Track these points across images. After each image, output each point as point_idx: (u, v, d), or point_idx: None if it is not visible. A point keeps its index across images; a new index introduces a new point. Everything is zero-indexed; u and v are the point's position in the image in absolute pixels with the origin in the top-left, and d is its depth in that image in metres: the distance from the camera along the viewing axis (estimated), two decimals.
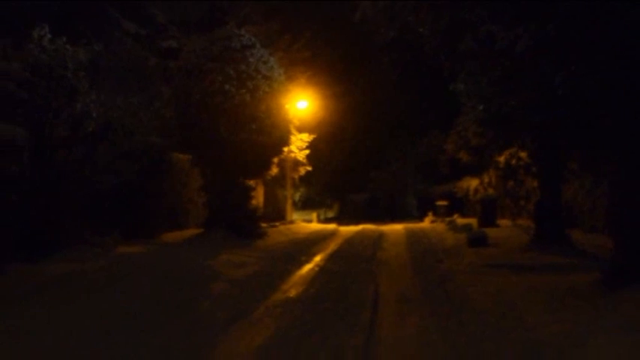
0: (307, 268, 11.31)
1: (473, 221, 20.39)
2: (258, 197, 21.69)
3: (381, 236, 18.57)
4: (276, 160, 17.68)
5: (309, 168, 25.19)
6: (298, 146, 23.78)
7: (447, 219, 23.18)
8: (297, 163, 24.62)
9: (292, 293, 8.60)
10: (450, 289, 8.80)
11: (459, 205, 26.83)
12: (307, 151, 24.31)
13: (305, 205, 34.57)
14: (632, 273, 6.97)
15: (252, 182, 17.04)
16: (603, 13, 6.35)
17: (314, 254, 13.57)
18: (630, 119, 7.12)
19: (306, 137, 24.04)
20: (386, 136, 32.54)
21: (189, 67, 15.53)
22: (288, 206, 26.20)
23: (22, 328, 6.20)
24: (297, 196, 31.99)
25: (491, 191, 21.28)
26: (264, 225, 17.53)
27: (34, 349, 5.50)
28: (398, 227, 22.93)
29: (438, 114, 27.38)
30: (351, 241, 16.90)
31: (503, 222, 19.82)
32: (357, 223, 26.17)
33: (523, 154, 15.26)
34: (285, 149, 19.67)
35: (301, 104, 24.36)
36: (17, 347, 5.55)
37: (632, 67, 6.83)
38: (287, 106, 17.93)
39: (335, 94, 29.02)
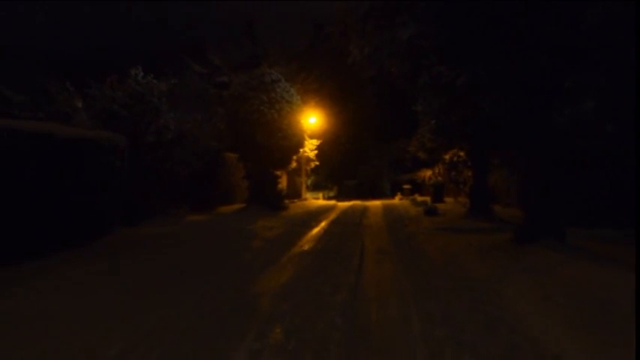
0: (315, 230, 11.34)
1: (428, 199, 20.40)
2: (283, 182, 21.73)
3: (365, 209, 18.57)
4: (295, 157, 17.72)
5: (317, 163, 25.16)
6: (310, 148, 23.73)
7: (410, 197, 23.22)
8: (309, 160, 24.57)
9: (306, 247, 8.64)
10: (412, 245, 8.86)
11: (418, 187, 26.77)
12: (316, 152, 24.23)
13: (314, 187, 34.33)
14: (533, 234, 7.00)
15: (279, 172, 17.09)
16: (513, 58, 6.33)
17: (320, 221, 13.61)
18: (528, 132, 7.15)
19: (315, 142, 23.99)
20: (369, 141, 32.42)
21: (236, 95, 15.55)
22: (303, 188, 26.19)
23: (127, 266, 6.31)
24: (309, 182, 31.82)
25: (440, 178, 21.18)
26: (286, 201, 17.60)
27: (135, 279, 5.58)
28: (377, 203, 22.91)
29: (404, 126, 27.14)
30: (345, 212, 16.91)
31: (449, 199, 19.80)
32: (349, 200, 26.19)
33: (462, 153, 15.28)
34: (301, 150, 19.71)
35: (312, 119, 24.28)
36: (124, 278, 5.64)
37: (531, 97, 6.83)
38: (302, 121, 17.92)
39: (335, 112, 28.89)
